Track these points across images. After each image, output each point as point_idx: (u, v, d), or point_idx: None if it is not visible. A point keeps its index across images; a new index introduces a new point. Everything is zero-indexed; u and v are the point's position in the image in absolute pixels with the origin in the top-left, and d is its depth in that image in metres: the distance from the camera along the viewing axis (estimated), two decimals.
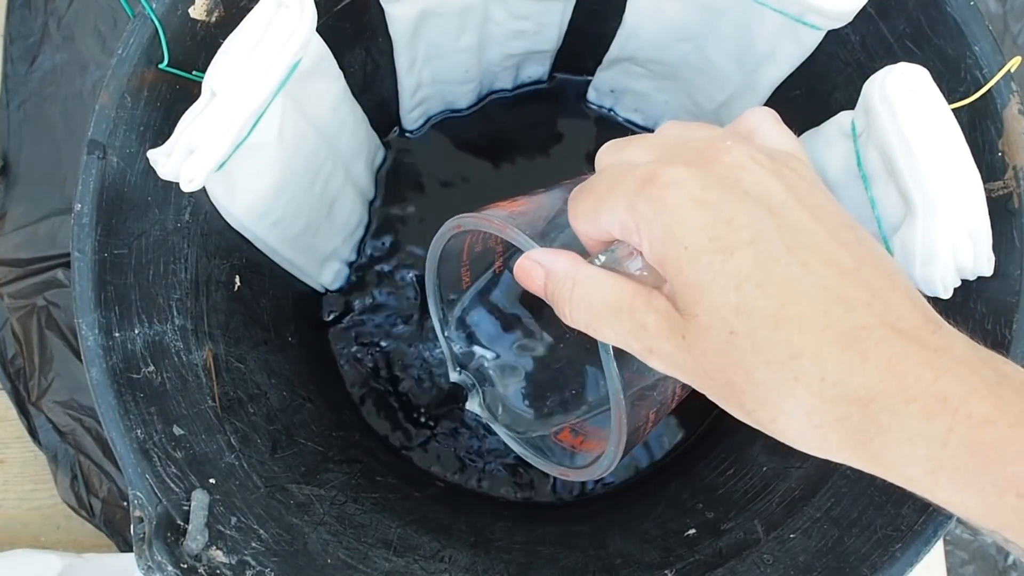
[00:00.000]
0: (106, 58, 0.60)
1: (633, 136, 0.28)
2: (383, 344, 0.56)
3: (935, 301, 0.34)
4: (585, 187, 0.26)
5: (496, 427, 0.38)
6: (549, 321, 0.40)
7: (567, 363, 0.39)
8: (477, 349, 0.38)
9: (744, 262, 0.22)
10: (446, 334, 0.39)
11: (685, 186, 0.23)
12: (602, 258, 0.27)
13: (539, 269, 0.27)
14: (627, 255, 0.26)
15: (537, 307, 0.40)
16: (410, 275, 0.56)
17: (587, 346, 0.40)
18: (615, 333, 0.26)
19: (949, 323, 0.23)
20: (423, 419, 0.56)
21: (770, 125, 0.27)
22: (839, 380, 0.21)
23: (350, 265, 0.56)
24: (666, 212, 0.23)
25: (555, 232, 0.29)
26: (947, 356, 0.21)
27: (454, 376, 0.39)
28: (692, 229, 0.23)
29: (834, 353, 0.21)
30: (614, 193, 0.25)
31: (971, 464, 0.20)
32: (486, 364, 0.38)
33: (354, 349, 0.56)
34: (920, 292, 0.23)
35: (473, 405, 0.39)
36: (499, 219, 0.30)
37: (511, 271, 0.37)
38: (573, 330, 0.27)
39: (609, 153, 0.28)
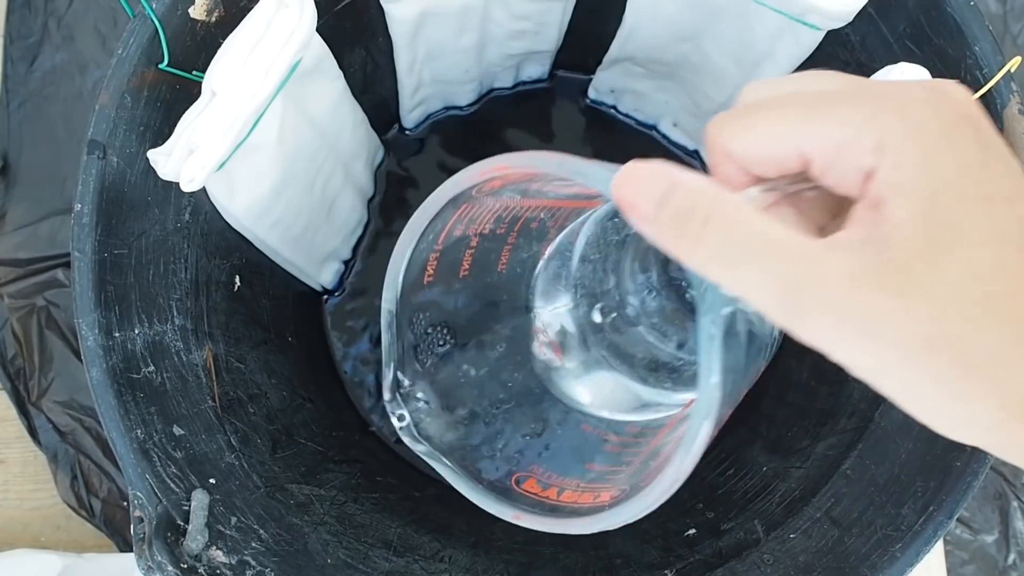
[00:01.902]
0: (106, 58, 0.60)
1: (795, 74, 0.22)
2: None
3: None
4: (759, 105, 0.21)
5: (434, 462, 0.32)
6: (509, 354, 0.36)
7: (522, 400, 0.35)
8: (420, 384, 0.33)
9: (1007, 217, 0.19)
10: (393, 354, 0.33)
11: (949, 109, 0.19)
12: (754, 191, 0.20)
13: (659, 180, 0.20)
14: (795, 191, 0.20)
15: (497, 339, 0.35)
16: None
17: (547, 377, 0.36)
18: (761, 282, 0.19)
19: None
20: None
21: None
22: None
23: (347, 264, 0.56)
24: (928, 134, 0.19)
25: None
26: None
27: (388, 396, 0.33)
28: (955, 164, 0.19)
29: None
30: (851, 100, 0.20)
31: None
32: (425, 396, 0.33)
33: (354, 348, 0.56)
34: None
35: (403, 432, 0.33)
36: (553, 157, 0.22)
37: (479, 283, 0.32)
38: (532, 365, 0.22)
39: (775, 85, 0.21)
